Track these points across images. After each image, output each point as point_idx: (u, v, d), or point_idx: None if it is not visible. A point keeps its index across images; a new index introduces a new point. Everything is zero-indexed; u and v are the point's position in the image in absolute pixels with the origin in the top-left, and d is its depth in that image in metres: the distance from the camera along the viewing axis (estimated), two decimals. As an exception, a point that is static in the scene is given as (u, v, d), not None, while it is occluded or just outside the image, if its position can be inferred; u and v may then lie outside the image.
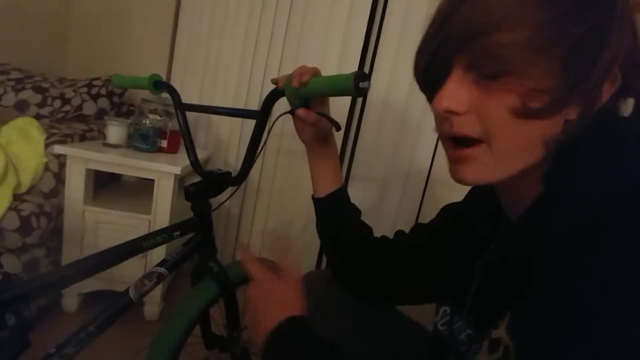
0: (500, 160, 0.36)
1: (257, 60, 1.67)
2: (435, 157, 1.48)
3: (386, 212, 1.56)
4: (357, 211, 0.69)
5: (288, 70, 1.62)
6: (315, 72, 0.57)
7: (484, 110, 0.35)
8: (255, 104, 1.68)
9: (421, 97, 0.45)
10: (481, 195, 0.54)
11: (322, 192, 0.67)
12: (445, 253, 0.56)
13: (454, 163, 0.39)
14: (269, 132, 0.68)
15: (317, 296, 0.65)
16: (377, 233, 0.69)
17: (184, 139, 0.71)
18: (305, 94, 0.58)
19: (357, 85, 0.49)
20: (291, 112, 0.62)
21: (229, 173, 0.72)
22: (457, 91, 0.36)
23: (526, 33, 0.32)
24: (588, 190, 0.33)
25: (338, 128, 0.61)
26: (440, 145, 1.44)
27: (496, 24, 0.33)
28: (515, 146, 0.36)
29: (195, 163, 0.71)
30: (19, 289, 0.51)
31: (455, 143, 0.38)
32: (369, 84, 0.52)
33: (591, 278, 0.29)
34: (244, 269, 0.53)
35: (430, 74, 0.39)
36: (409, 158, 1.51)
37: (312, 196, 0.69)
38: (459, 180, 0.39)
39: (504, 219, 0.46)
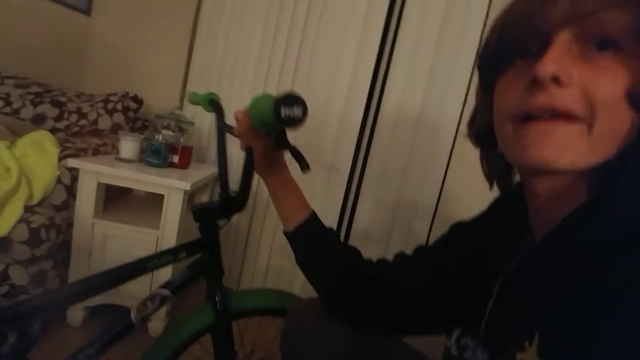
0: (595, 145, 0.31)
1: (270, 76, 1.69)
2: (447, 175, 1.45)
3: (397, 231, 1.52)
4: (334, 236, 0.65)
5: (300, 84, 1.64)
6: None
7: (592, 86, 0.31)
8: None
9: (434, 112, 0.43)
10: (502, 210, 0.51)
11: (291, 225, 0.62)
12: (454, 272, 0.53)
13: (539, 139, 0.33)
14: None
15: (308, 324, 0.63)
16: (388, 253, 0.67)
17: (219, 160, 0.67)
18: (258, 129, 0.53)
19: (279, 113, 0.40)
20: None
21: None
22: (562, 58, 0.31)
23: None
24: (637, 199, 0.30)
25: (305, 168, 0.51)
26: (453, 161, 1.43)
27: (608, 2, 0.30)
28: (611, 132, 0.31)
29: (224, 185, 0.67)
30: (22, 308, 0.51)
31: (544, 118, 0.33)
32: (301, 111, 0.42)
33: None
34: (247, 301, 0.52)
35: (520, 46, 0.35)
36: (420, 178, 1.49)
37: (283, 231, 0.64)
38: (543, 162, 0.32)
39: (528, 235, 0.43)
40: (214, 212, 0.66)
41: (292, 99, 0.42)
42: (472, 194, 1.42)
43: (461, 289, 0.51)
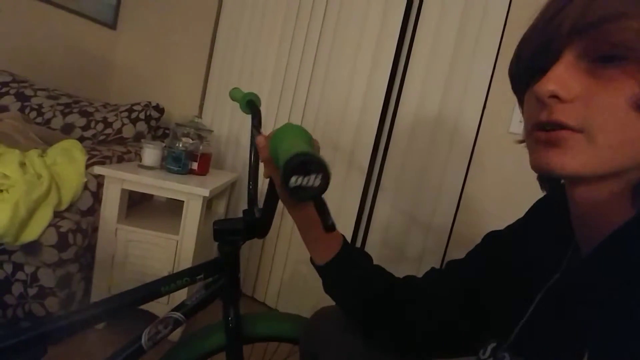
0: (602, 153, 0.33)
1: (287, 80, 1.72)
2: (467, 181, 1.43)
3: (414, 238, 1.51)
4: (367, 263, 0.61)
5: (316, 90, 1.65)
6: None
7: (596, 99, 0.32)
8: (284, 119, 1.71)
9: (452, 116, 0.43)
10: (543, 218, 0.49)
11: (322, 260, 0.58)
12: (490, 285, 0.51)
13: (545, 147, 0.35)
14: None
15: (329, 335, 0.62)
16: (405, 261, 0.64)
17: (250, 172, 0.65)
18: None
19: (287, 180, 0.33)
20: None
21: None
22: (565, 75, 0.33)
23: None
24: None
25: (328, 229, 0.41)
26: (473, 167, 1.41)
27: (617, 12, 0.31)
28: (621, 141, 0.32)
29: (251, 202, 0.64)
30: (25, 335, 0.48)
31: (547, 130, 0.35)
32: (320, 181, 0.34)
33: None
34: (260, 327, 0.50)
35: (535, 63, 0.37)
36: (438, 183, 1.47)
37: (312, 262, 0.60)
38: (549, 168, 0.34)
39: (572, 245, 0.42)
40: (236, 232, 0.61)
41: (308, 165, 0.33)
42: (493, 200, 1.40)
43: (498, 302, 0.49)
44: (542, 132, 0.35)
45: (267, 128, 1.72)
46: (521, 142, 0.48)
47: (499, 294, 0.49)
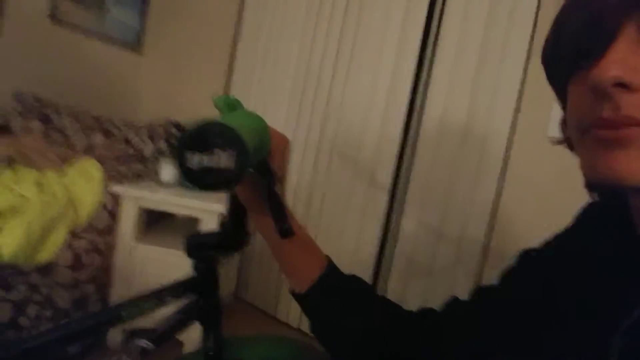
0: None
1: (306, 92, 1.68)
2: (502, 193, 1.31)
3: (443, 257, 1.39)
4: (364, 290, 0.50)
5: (336, 98, 1.60)
6: None
7: None
8: (303, 134, 1.67)
9: (482, 124, 0.35)
10: (603, 236, 0.37)
11: (301, 286, 0.47)
12: (537, 324, 0.39)
13: (607, 149, 0.27)
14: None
15: None
16: (433, 283, 0.54)
17: None
18: None
19: (182, 159, 0.26)
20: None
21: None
22: (631, 57, 0.26)
23: None
24: None
25: (284, 233, 0.37)
26: (508, 178, 1.29)
27: None
28: None
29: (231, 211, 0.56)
30: None
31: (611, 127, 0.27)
32: (228, 158, 0.25)
33: None
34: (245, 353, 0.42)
35: (582, 43, 0.29)
36: (468, 197, 1.35)
37: (291, 292, 0.49)
38: (614, 176, 0.27)
39: None
40: (210, 247, 0.54)
41: (210, 137, 0.25)
42: (532, 213, 1.27)
43: (552, 347, 0.37)
44: (606, 131, 0.27)
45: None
46: (560, 143, 0.39)
47: (553, 336, 0.37)
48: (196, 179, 0.26)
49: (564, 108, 0.35)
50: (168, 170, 1.40)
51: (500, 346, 0.42)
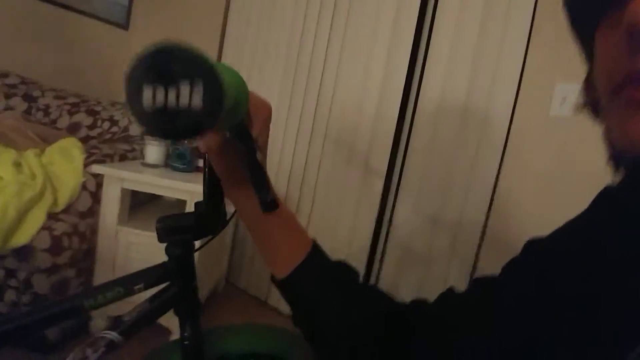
0: None
1: (299, 68, 1.61)
2: (500, 176, 1.26)
3: (440, 244, 1.35)
4: (351, 276, 0.44)
5: (330, 76, 1.53)
6: None
7: None
8: (297, 113, 1.61)
9: (482, 103, 0.30)
10: (627, 225, 0.30)
11: (281, 271, 0.42)
12: (543, 325, 0.32)
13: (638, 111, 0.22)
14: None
15: None
16: (429, 273, 0.50)
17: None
18: None
19: (137, 95, 0.21)
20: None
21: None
22: None
23: None
24: None
25: (266, 207, 0.34)
26: (507, 160, 1.24)
27: None
28: None
29: (207, 191, 0.49)
30: None
31: None
32: (194, 93, 0.19)
33: None
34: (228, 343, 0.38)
35: None
36: (467, 181, 1.30)
37: (272, 279, 0.45)
38: None
39: None
40: (186, 230, 0.49)
41: (170, 65, 0.20)
42: (532, 198, 1.22)
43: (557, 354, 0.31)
44: None
45: (278, 128, 1.61)
46: (583, 107, 0.33)
47: (557, 342, 0.31)
48: (153, 123, 0.20)
49: (590, 64, 0.30)
50: (153, 151, 1.34)
51: (495, 342, 0.35)
